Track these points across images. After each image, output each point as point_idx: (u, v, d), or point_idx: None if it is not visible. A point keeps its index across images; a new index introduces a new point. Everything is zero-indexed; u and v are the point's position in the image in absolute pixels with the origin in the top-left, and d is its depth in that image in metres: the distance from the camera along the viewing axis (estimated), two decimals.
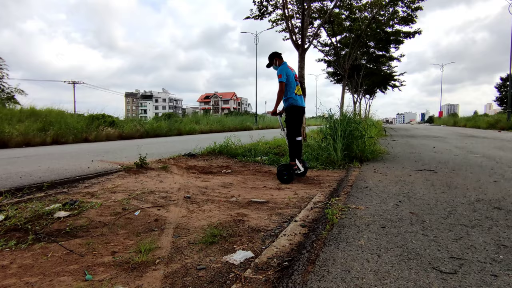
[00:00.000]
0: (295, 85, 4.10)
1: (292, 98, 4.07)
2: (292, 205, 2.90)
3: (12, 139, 10.47)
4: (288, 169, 3.91)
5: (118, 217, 2.74)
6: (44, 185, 3.64)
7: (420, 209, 2.50)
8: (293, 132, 4.11)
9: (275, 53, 4.25)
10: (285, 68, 4.05)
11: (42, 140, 11.54)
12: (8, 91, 28.27)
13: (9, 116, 12.81)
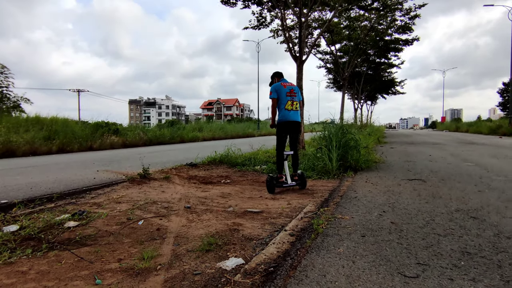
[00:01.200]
0: (286, 100, 4.30)
1: (280, 114, 4.33)
2: (284, 214, 3.12)
3: (19, 148, 10.77)
4: (272, 180, 4.14)
5: (123, 227, 2.96)
6: (54, 196, 3.89)
7: (401, 219, 2.70)
8: (279, 146, 4.35)
9: (275, 73, 4.59)
10: (275, 86, 4.32)
11: (48, 149, 11.82)
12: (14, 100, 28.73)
13: (15, 125, 13.16)
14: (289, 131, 4.37)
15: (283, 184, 4.20)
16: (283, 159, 4.31)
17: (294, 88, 4.41)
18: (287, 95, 4.32)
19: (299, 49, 8.01)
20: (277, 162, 4.37)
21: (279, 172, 4.34)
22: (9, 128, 12.01)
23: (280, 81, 4.44)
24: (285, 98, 4.29)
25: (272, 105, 4.31)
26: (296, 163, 4.47)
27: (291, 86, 4.39)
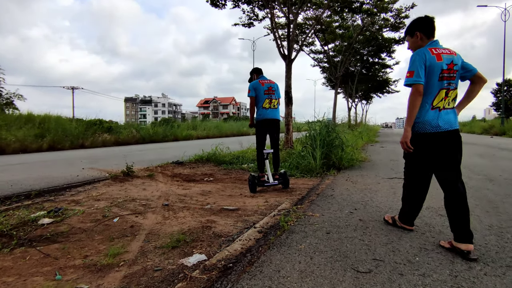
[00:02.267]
0: (264, 98, 4.29)
1: (258, 112, 4.31)
2: (259, 212, 3.15)
3: (9, 146, 10.68)
4: (254, 179, 4.10)
5: (98, 224, 2.97)
6: (32, 193, 3.89)
7: (369, 216, 2.74)
8: (259, 144, 4.34)
9: (254, 69, 4.55)
10: (253, 84, 4.30)
11: (39, 147, 11.74)
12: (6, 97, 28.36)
13: (7, 122, 13.05)
14: (268, 129, 4.37)
15: (265, 183, 4.19)
16: (263, 158, 4.30)
17: (272, 85, 4.37)
18: (265, 93, 4.31)
19: (287, 48, 8.03)
20: (258, 161, 4.38)
21: (260, 171, 4.36)
22: (0, 125, 11.92)
23: (259, 78, 4.41)
24: (263, 96, 4.29)
25: (250, 103, 4.30)
26: (277, 162, 4.47)
27: (269, 84, 4.36)
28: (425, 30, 2.20)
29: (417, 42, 2.22)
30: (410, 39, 2.29)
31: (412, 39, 2.26)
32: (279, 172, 4.34)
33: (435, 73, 2.05)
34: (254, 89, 4.26)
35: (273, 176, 4.25)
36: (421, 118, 2.10)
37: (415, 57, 2.08)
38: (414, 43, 2.25)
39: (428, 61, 2.04)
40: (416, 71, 2.04)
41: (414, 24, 2.25)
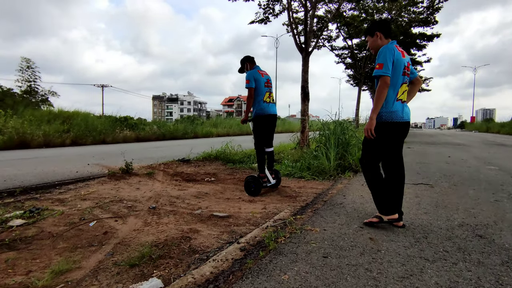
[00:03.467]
0: (264, 91, 3.85)
1: (258, 107, 3.83)
2: (252, 221, 2.68)
3: (34, 140, 10.92)
4: (256, 181, 3.68)
5: (70, 228, 2.65)
6: (17, 190, 3.65)
7: (384, 235, 2.19)
8: (260, 142, 3.88)
9: (246, 57, 4.04)
10: (253, 73, 3.82)
11: (62, 141, 11.98)
12: (42, 94, 29.66)
13: (39, 118, 13.51)
14: (269, 126, 3.92)
15: (267, 184, 3.80)
16: (264, 157, 3.87)
17: (269, 78, 4.00)
18: (265, 85, 3.85)
19: (304, 40, 7.45)
20: (258, 161, 3.90)
21: (260, 172, 3.89)
22: (31, 121, 12.29)
23: (255, 68, 3.94)
24: (264, 89, 3.83)
25: (249, 96, 3.81)
26: (272, 160, 4.04)
27: (267, 76, 3.96)
28: (384, 30, 2.43)
29: (377, 41, 2.43)
30: (370, 39, 2.49)
31: (373, 39, 2.46)
32: (274, 170, 4.00)
33: (400, 68, 2.28)
34: (255, 80, 3.78)
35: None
36: (389, 108, 2.31)
37: (385, 51, 2.25)
38: (374, 42, 2.45)
39: (395, 57, 2.26)
40: (385, 64, 2.22)
41: (374, 25, 2.48)
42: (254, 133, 3.91)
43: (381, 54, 2.24)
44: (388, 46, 2.27)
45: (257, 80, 3.78)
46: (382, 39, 2.39)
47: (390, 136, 2.34)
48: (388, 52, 2.23)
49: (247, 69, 3.97)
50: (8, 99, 23.65)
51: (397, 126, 2.31)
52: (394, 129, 2.32)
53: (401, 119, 2.30)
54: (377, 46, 2.40)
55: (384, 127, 2.31)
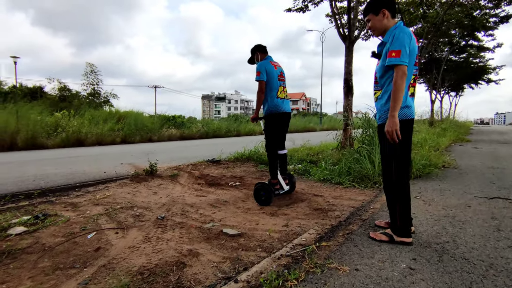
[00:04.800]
0: (278, 85, 3.29)
1: (271, 103, 3.29)
2: (265, 245, 2.15)
3: (88, 139, 11.62)
4: (267, 189, 3.17)
5: (66, 240, 2.39)
6: (35, 192, 3.56)
7: (449, 283, 1.50)
8: (272, 144, 3.35)
9: (257, 46, 3.49)
10: (265, 65, 3.27)
11: (113, 140, 12.63)
12: (104, 95, 32.12)
13: (97, 118, 14.55)
14: (283, 125, 3.40)
15: (280, 192, 3.33)
16: (277, 161, 3.36)
17: (283, 70, 3.45)
18: (278, 78, 3.31)
19: (348, 26, 6.63)
20: (271, 165, 3.35)
21: (272, 178, 3.35)
22: (90, 120, 13.22)
23: (267, 58, 3.40)
24: (277, 83, 3.29)
25: (259, 90, 3.26)
26: (286, 163, 3.53)
27: (280, 68, 3.42)
28: (391, 8, 1.99)
29: (383, 21, 1.99)
30: (373, 18, 2.02)
31: (377, 18, 2.00)
32: (287, 174, 3.55)
33: (413, 57, 1.93)
34: (266, 72, 3.25)
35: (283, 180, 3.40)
36: (406, 103, 1.95)
37: (402, 35, 1.86)
38: (379, 22, 2.00)
39: (412, 43, 1.90)
40: (404, 51, 1.84)
41: (379, 0, 2.01)
42: (266, 134, 3.39)
43: (398, 39, 1.85)
44: (405, 29, 1.89)
45: (269, 73, 3.25)
46: (389, 19, 1.98)
47: (410, 136, 2.00)
48: (406, 37, 1.86)
49: (258, 59, 3.45)
50: (76, 101, 26.07)
51: (412, 123, 2.01)
52: (411, 126, 2.00)
53: (413, 116, 2.00)
54: (382, 27, 1.99)
55: (404, 126, 1.93)
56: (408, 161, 2.00)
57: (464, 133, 15.00)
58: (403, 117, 1.93)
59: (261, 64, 3.28)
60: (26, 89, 32.43)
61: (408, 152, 2.00)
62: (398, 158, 1.96)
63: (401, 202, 1.95)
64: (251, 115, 3.57)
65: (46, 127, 11.35)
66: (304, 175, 4.91)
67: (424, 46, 14.09)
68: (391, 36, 1.90)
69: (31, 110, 11.59)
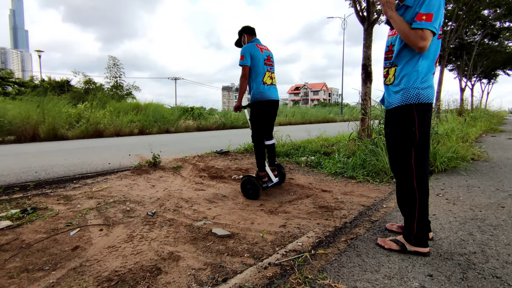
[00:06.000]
0: (264, 70, 3.02)
1: (257, 90, 3.02)
2: (255, 249, 1.87)
3: (107, 130, 11.80)
4: (254, 182, 2.96)
5: (47, 237, 2.24)
6: (30, 184, 3.47)
7: None
8: (259, 134, 3.10)
9: (244, 28, 3.21)
10: (250, 48, 2.98)
11: (130, 131, 12.77)
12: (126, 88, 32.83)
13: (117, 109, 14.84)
14: (270, 113, 3.15)
15: (269, 184, 3.08)
16: (264, 152, 3.13)
17: (271, 54, 3.17)
18: (265, 63, 3.03)
19: (367, 8, 6.09)
20: (257, 157, 3.10)
21: (260, 170, 3.09)
22: (111, 112, 13.49)
23: (253, 41, 3.11)
24: (263, 68, 3.01)
25: (242, 75, 2.98)
26: (274, 154, 3.32)
27: (268, 52, 3.13)
28: None
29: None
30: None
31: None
32: (277, 164, 3.39)
33: (439, 28, 1.56)
34: (251, 56, 2.96)
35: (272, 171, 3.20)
36: (430, 82, 1.62)
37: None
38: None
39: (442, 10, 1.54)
40: (436, 16, 1.50)
41: None
42: (252, 123, 3.13)
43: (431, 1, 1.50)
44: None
45: (254, 57, 2.97)
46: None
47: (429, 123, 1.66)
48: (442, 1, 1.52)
49: (244, 42, 3.17)
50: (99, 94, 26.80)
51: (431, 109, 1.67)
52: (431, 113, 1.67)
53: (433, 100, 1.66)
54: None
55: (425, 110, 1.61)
56: (427, 153, 1.64)
57: (497, 123, 13.90)
58: (425, 100, 1.58)
59: (245, 47, 2.99)
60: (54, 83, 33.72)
61: (428, 141, 1.65)
62: (417, 148, 1.61)
63: (419, 204, 1.61)
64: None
65: (69, 119, 11.65)
66: (316, 167, 4.58)
67: (454, 29, 13.04)
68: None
69: (57, 103, 11.88)
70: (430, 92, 1.59)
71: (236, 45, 3.33)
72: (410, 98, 1.58)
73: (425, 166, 1.62)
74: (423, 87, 1.56)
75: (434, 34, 1.51)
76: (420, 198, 1.61)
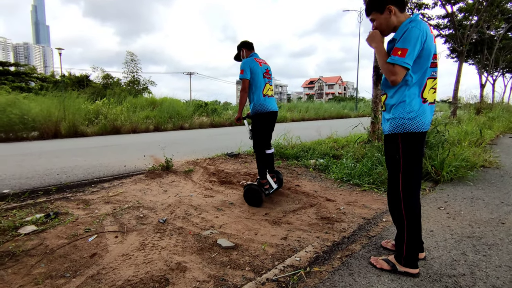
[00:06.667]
0: (264, 83, 3.22)
1: (257, 102, 3.21)
2: (256, 262, 2.01)
3: (124, 127, 12.20)
4: (257, 190, 3.16)
5: (68, 243, 2.45)
6: (53, 188, 3.72)
7: None
8: (260, 144, 3.30)
9: (243, 43, 3.40)
10: (249, 62, 3.17)
11: (146, 128, 13.15)
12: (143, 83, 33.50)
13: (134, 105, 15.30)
14: (270, 124, 3.34)
15: (270, 191, 3.29)
16: (266, 161, 3.32)
17: (269, 68, 3.38)
18: (264, 76, 3.23)
19: None
20: (259, 165, 3.30)
21: (261, 178, 3.30)
22: (128, 108, 13.93)
23: (252, 55, 3.30)
24: (263, 81, 3.22)
25: (243, 88, 3.18)
26: (273, 162, 3.52)
27: (266, 65, 3.34)
28: (398, 1, 1.69)
29: (390, 19, 1.70)
30: (378, 16, 1.73)
31: (383, 16, 1.71)
32: (275, 171, 3.56)
33: (428, 59, 1.63)
34: (250, 70, 3.15)
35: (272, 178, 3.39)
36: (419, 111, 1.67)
37: (415, 31, 1.57)
38: (385, 21, 1.71)
39: (427, 41, 1.60)
40: (411, 50, 1.56)
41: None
42: (254, 134, 3.32)
43: (409, 35, 1.57)
44: (421, 24, 1.59)
45: (254, 71, 3.16)
46: (397, 15, 1.70)
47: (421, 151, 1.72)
48: (421, 34, 1.57)
49: (243, 56, 3.35)
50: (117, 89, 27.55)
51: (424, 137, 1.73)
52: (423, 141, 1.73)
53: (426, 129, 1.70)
54: (390, 26, 1.72)
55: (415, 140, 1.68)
56: (416, 179, 1.71)
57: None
58: (413, 129, 1.65)
59: (245, 61, 3.19)
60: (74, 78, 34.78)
61: (419, 168, 1.72)
62: (404, 175, 1.69)
63: (407, 228, 1.69)
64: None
65: (88, 115, 12.12)
66: (324, 171, 4.67)
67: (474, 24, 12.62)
68: (403, 30, 1.61)
69: (76, 99, 12.34)
70: (417, 121, 1.64)
71: (235, 59, 3.53)
72: (396, 127, 1.66)
73: (413, 193, 1.70)
74: (409, 117, 1.63)
75: (407, 69, 1.57)
76: (408, 223, 1.69)
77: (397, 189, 1.71)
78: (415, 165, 1.69)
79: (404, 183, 1.69)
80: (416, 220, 1.70)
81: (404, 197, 1.69)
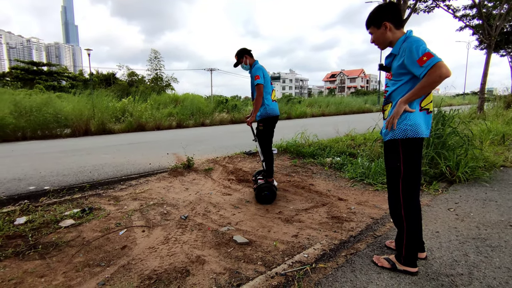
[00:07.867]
0: (271, 89, 3.48)
1: (269, 106, 3.42)
2: (268, 257, 2.21)
3: (148, 124, 12.76)
4: (270, 188, 3.41)
5: (102, 236, 2.75)
6: (86, 185, 4.09)
7: None
8: (269, 145, 3.55)
9: (244, 50, 3.55)
10: (262, 68, 3.40)
11: (169, 125, 13.67)
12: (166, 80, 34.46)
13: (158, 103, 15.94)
14: (274, 127, 3.59)
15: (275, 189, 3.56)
16: (273, 160, 3.60)
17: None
18: (271, 82, 3.50)
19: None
20: (268, 165, 3.54)
21: (269, 176, 3.55)
22: (152, 105, 14.56)
23: (256, 63, 3.52)
24: (271, 87, 3.48)
25: (258, 94, 3.34)
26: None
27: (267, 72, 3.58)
28: (395, 19, 1.82)
29: (385, 34, 1.84)
30: (375, 31, 1.89)
31: (379, 31, 1.86)
32: None
33: None
34: (263, 75, 3.37)
35: None
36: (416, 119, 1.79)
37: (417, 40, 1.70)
38: (382, 36, 1.86)
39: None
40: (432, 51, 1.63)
41: (380, 13, 1.86)
42: (264, 136, 3.53)
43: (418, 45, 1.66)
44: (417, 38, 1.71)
45: (265, 77, 3.40)
46: (393, 31, 1.82)
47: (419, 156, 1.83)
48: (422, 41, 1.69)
49: (246, 63, 3.53)
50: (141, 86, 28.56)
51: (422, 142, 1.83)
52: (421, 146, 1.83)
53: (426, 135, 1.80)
54: (386, 41, 1.85)
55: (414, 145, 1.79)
56: (416, 185, 1.83)
57: None
58: (413, 135, 1.75)
59: (259, 67, 3.40)
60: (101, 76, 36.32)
61: (418, 173, 1.83)
62: (404, 181, 1.81)
63: (407, 230, 1.82)
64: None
65: (115, 112, 12.79)
66: (339, 170, 4.77)
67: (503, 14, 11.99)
68: (405, 50, 1.70)
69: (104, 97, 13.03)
70: (417, 128, 1.73)
71: (235, 66, 3.68)
72: (397, 134, 1.77)
73: (413, 196, 1.82)
74: (410, 124, 1.74)
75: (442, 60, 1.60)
76: (408, 225, 1.81)
77: (397, 193, 1.84)
78: (414, 170, 1.80)
79: (404, 187, 1.81)
80: (415, 222, 1.82)
81: (404, 201, 1.81)
